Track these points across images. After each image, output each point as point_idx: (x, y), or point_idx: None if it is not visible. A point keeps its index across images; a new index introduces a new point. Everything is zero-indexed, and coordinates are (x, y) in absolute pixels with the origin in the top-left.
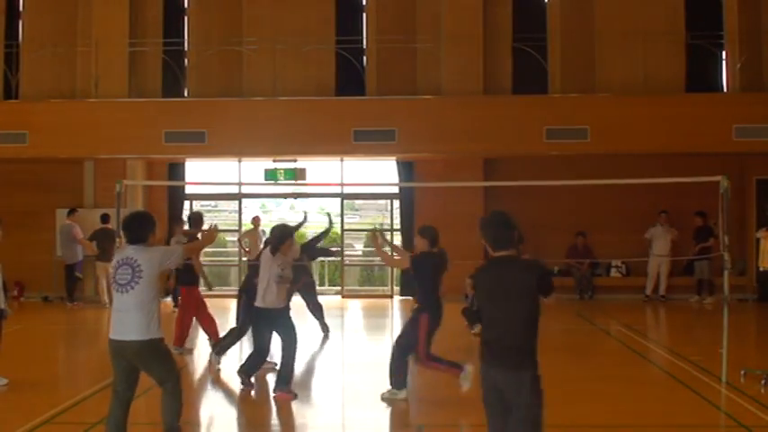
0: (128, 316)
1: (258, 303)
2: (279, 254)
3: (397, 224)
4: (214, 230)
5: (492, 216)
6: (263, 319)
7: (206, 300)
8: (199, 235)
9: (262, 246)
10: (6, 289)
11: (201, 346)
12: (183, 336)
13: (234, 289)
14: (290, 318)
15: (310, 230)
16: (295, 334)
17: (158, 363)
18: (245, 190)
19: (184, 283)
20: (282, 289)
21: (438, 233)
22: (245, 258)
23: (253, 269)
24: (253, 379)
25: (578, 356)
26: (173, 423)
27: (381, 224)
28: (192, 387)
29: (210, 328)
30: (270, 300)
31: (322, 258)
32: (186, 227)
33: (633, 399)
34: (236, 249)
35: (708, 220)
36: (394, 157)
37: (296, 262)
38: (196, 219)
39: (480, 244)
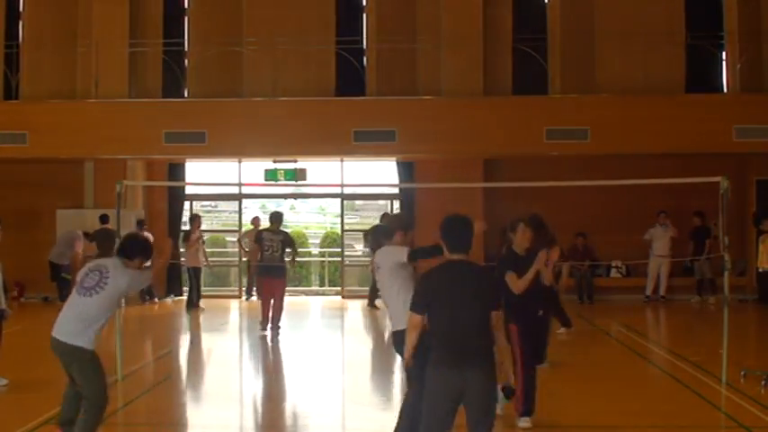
0: (65, 317)
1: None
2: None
3: None
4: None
5: (458, 218)
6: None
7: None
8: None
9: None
10: (6, 289)
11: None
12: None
13: (234, 289)
14: None
15: (310, 230)
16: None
17: (79, 374)
18: (245, 190)
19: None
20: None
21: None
22: (244, 259)
23: None
24: None
25: (578, 357)
26: None
27: None
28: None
29: (274, 314)
30: None
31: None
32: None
33: (633, 399)
34: (236, 250)
35: (706, 221)
36: (394, 158)
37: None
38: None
39: (477, 243)
